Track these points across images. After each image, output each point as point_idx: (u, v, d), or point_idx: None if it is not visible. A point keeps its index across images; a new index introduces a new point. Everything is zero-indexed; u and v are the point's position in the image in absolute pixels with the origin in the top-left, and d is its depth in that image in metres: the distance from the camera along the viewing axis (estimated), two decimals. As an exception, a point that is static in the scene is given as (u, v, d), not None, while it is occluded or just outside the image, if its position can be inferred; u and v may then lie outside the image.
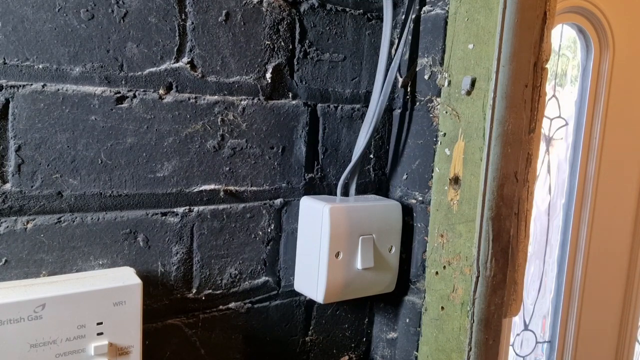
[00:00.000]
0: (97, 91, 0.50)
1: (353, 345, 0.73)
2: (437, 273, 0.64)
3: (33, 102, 0.47)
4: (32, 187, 0.48)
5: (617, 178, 1.35)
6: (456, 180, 0.62)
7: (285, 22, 0.61)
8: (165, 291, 0.57)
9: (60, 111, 0.49)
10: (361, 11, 0.66)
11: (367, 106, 0.68)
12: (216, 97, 0.57)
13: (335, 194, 0.67)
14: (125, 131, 0.52)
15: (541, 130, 0.63)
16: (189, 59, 0.55)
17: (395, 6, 0.67)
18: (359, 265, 0.63)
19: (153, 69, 0.53)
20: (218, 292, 0.60)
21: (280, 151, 0.62)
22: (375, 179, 0.71)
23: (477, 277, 0.60)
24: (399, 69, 0.69)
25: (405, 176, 0.69)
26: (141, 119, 0.53)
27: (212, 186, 0.58)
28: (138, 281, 0.50)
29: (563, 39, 1.25)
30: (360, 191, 0.69)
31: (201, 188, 0.58)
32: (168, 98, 0.54)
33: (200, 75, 0.56)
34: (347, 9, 0.65)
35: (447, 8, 0.63)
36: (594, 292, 1.38)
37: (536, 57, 0.60)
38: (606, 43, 1.24)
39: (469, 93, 0.60)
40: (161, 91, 0.54)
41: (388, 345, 0.73)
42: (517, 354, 1.37)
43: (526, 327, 1.37)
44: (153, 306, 0.56)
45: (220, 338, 0.61)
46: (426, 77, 0.66)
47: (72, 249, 0.51)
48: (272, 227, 0.63)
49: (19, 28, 0.46)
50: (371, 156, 0.70)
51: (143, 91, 0.53)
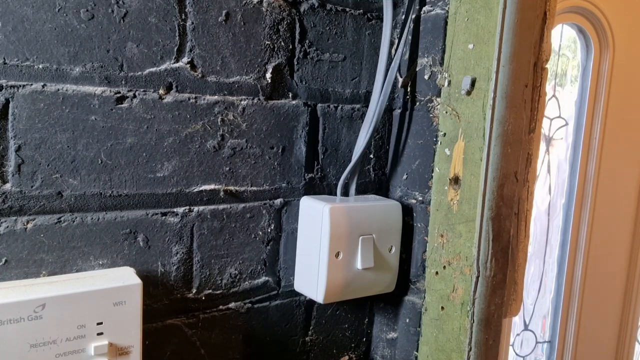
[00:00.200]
0: (97, 91, 0.50)
1: (353, 345, 0.73)
2: (437, 273, 0.64)
3: (33, 102, 0.47)
4: (32, 187, 0.48)
5: (617, 178, 1.35)
6: (456, 180, 0.62)
7: (285, 22, 0.61)
8: (165, 291, 0.57)
9: (60, 111, 0.49)
10: (361, 11, 0.66)
11: (367, 106, 0.68)
12: (216, 97, 0.57)
13: (335, 194, 0.67)
14: (125, 131, 0.52)
15: (541, 130, 0.63)
16: (189, 59, 0.55)
17: (395, 6, 0.67)
18: (359, 265, 0.63)
19: (153, 69, 0.53)
20: (218, 292, 0.60)
21: (280, 151, 0.62)
22: (375, 179, 0.71)
23: (477, 277, 0.60)
24: (399, 69, 0.69)
25: (405, 176, 0.69)
26: (141, 119, 0.53)
27: (212, 186, 0.58)
28: (138, 281, 0.50)
29: (563, 39, 1.25)
30: (360, 191, 0.69)
31: (201, 188, 0.58)
32: (168, 98, 0.54)
33: (200, 75, 0.56)
34: (347, 9, 0.65)
35: (447, 8, 0.63)
36: (594, 292, 1.38)
37: (536, 57, 0.60)
38: (606, 43, 1.24)
39: (469, 93, 0.60)
40: (161, 91, 0.54)
41: (388, 345, 0.73)
42: (517, 354, 1.37)
43: (526, 327, 1.37)
44: (153, 306, 0.56)
45: (220, 338, 0.61)
46: (426, 77, 0.66)
47: (72, 249, 0.51)
48: (272, 227, 0.63)
49: (19, 28, 0.46)
50: (371, 156, 0.70)
51: (143, 91, 0.53)
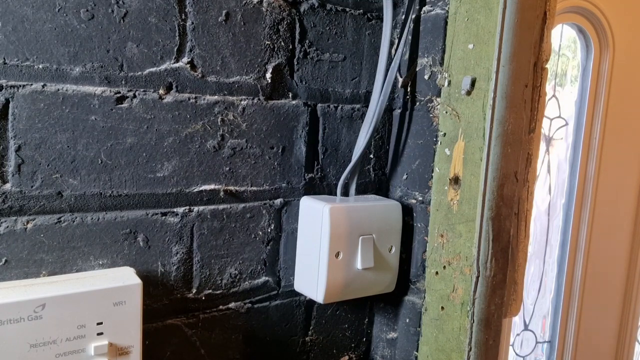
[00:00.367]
0: (97, 91, 0.50)
1: (353, 345, 0.73)
2: (437, 273, 0.64)
3: (33, 102, 0.47)
4: (32, 187, 0.48)
5: (617, 178, 1.35)
6: (456, 180, 0.62)
7: (285, 22, 0.61)
8: (165, 291, 0.57)
9: (60, 111, 0.49)
10: (361, 11, 0.66)
11: (367, 106, 0.68)
12: (216, 97, 0.57)
13: (335, 194, 0.67)
14: (125, 131, 0.52)
15: (541, 130, 0.63)
16: (189, 59, 0.55)
17: (395, 6, 0.67)
18: (359, 265, 0.63)
19: (153, 69, 0.53)
20: (218, 292, 0.60)
21: (280, 151, 0.62)
22: (375, 179, 0.71)
23: (477, 277, 0.60)
24: (399, 69, 0.69)
25: (405, 176, 0.69)
26: (141, 119, 0.53)
27: (212, 186, 0.58)
28: (138, 281, 0.50)
29: (563, 39, 1.25)
30: (360, 191, 0.69)
31: (201, 188, 0.58)
32: (168, 98, 0.54)
33: (200, 75, 0.56)
34: (347, 9, 0.65)
35: (447, 8, 0.63)
36: (594, 292, 1.38)
37: (536, 57, 0.60)
38: (606, 43, 1.24)
39: (469, 93, 0.60)
40: (161, 91, 0.54)
41: (388, 345, 0.73)
42: (517, 354, 1.37)
43: (526, 327, 1.37)
44: (153, 306, 0.56)
45: (220, 338, 0.61)
46: (426, 77, 0.66)
47: (72, 249, 0.51)
48: (272, 227, 0.63)
49: (19, 28, 0.46)
50: (371, 156, 0.70)
51: (143, 91, 0.53)
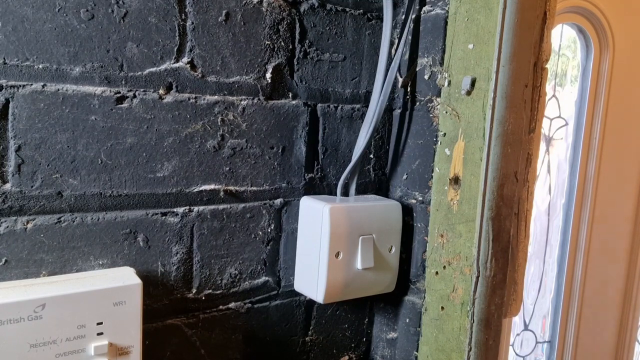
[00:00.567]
0: (97, 91, 0.50)
1: (353, 345, 0.73)
2: (437, 273, 0.64)
3: (33, 102, 0.47)
4: (32, 187, 0.48)
5: (617, 178, 1.35)
6: (456, 180, 0.62)
7: (285, 22, 0.61)
8: (165, 291, 0.57)
9: (60, 111, 0.49)
10: (361, 11, 0.66)
11: (367, 106, 0.68)
12: (216, 97, 0.57)
13: (335, 194, 0.67)
14: (125, 131, 0.52)
15: (541, 130, 0.63)
16: (189, 59, 0.55)
17: (395, 6, 0.67)
18: (359, 265, 0.63)
19: (153, 69, 0.53)
20: (218, 292, 0.60)
21: (280, 151, 0.62)
22: (375, 179, 0.71)
23: (477, 277, 0.60)
24: (399, 69, 0.69)
25: (405, 176, 0.69)
26: (141, 119, 0.53)
27: (212, 186, 0.58)
28: (138, 281, 0.50)
29: (563, 39, 1.25)
30: (360, 191, 0.69)
31: (201, 188, 0.58)
32: (168, 98, 0.54)
33: (200, 75, 0.56)
34: (347, 9, 0.65)
35: (447, 8, 0.63)
36: (594, 292, 1.38)
37: (536, 57, 0.60)
38: (606, 43, 1.24)
39: (469, 93, 0.60)
40: (161, 91, 0.54)
41: (388, 345, 0.73)
42: (517, 354, 1.37)
43: (526, 327, 1.37)
44: (153, 306, 0.56)
45: (220, 338, 0.61)
46: (426, 77, 0.66)
47: (72, 249, 0.51)
48: (272, 227, 0.63)
49: (19, 28, 0.46)
50: (371, 156, 0.70)
51: (143, 91, 0.53)
